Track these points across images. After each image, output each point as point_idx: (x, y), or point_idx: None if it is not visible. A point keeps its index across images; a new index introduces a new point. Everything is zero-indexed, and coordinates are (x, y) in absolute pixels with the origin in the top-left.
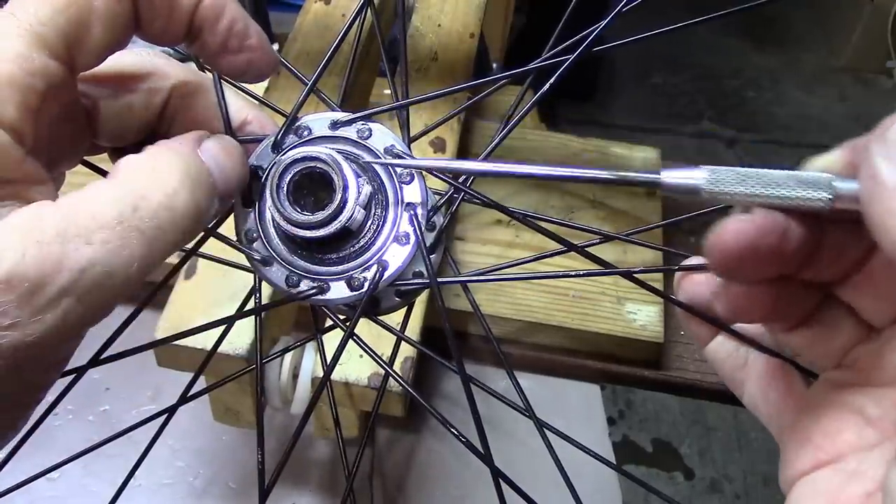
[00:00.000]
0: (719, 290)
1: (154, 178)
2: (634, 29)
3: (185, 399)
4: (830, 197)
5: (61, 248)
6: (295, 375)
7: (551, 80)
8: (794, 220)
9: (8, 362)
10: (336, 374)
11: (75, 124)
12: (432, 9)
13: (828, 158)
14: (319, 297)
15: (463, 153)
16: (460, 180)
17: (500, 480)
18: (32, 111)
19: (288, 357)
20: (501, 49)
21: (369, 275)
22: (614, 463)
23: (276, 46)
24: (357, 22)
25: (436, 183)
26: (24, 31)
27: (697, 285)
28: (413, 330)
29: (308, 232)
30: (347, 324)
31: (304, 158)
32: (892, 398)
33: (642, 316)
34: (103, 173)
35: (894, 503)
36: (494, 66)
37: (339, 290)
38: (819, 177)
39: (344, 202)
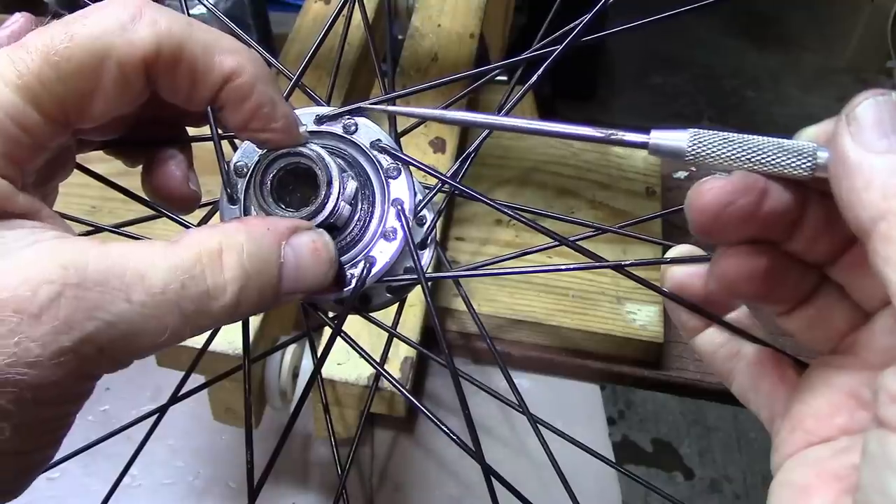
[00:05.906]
0: (712, 263)
1: (210, 263)
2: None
3: (176, 398)
4: (812, 166)
5: (99, 297)
6: (295, 375)
7: (541, 70)
8: (777, 184)
9: (26, 395)
10: (337, 374)
11: (66, 150)
12: (432, 9)
13: (818, 128)
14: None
15: (462, 153)
16: (449, 174)
17: (491, 477)
18: (18, 162)
19: (288, 357)
20: (502, 49)
21: (356, 271)
22: (613, 461)
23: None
24: (343, 14)
25: (430, 181)
26: (24, 84)
27: (687, 275)
28: (413, 329)
29: None
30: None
31: (287, 154)
32: None
33: (642, 316)
34: (97, 176)
35: (874, 463)
36: None
37: None
38: (804, 146)
39: (328, 197)
